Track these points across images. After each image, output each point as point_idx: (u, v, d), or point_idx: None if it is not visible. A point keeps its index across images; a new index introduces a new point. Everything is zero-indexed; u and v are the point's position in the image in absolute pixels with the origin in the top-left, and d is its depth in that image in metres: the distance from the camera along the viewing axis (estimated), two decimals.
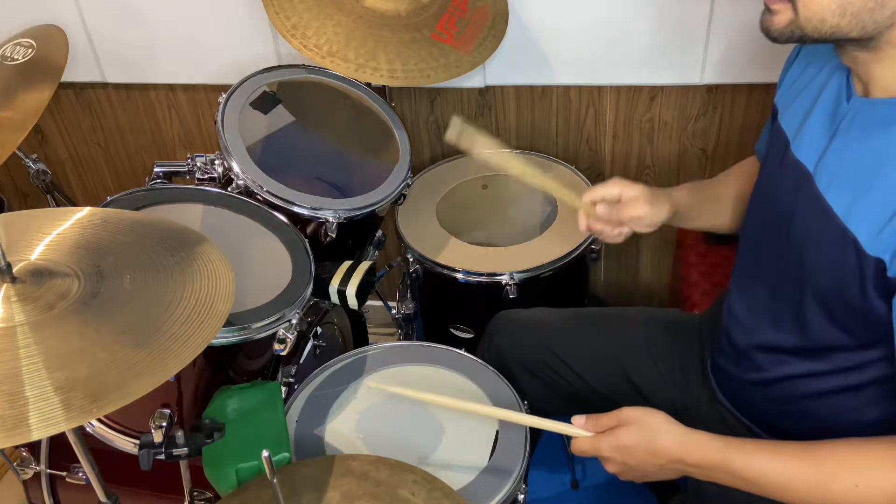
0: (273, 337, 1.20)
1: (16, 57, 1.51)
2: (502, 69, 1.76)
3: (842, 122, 0.94)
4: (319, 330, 1.44)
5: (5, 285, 0.88)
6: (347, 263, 1.38)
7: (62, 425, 0.78)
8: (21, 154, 1.60)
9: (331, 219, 1.38)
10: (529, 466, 1.19)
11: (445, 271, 1.56)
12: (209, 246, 1.04)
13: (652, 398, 1.27)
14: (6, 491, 1.85)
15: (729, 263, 1.26)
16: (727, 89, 1.74)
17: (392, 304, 1.79)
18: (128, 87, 1.94)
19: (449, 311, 1.69)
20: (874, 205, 0.87)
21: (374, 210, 1.45)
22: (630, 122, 1.82)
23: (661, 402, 1.04)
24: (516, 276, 1.52)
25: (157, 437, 1.03)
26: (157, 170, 1.45)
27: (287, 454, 1.08)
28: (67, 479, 1.33)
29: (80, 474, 1.32)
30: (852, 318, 0.93)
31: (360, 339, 1.65)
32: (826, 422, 1.01)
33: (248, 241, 1.31)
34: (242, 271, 1.24)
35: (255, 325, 1.17)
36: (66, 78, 1.51)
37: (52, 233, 1.00)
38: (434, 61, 1.49)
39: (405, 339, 1.78)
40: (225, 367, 1.25)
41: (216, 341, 1.12)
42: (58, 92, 1.50)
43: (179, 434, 1.04)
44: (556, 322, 1.39)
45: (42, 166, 1.66)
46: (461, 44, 1.53)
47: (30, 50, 1.52)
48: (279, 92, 1.53)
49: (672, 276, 2.01)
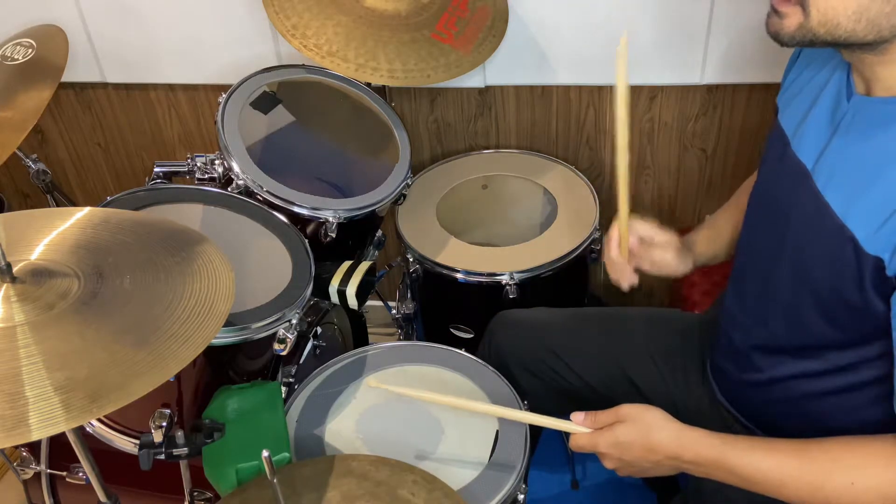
0: (273, 337, 1.20)
1: (16, 57, 1.51)
2: (502, 69, 1.75)
3: (842, 121, 0.94)
4: (319, 330, 1.44)
5: (5, 285, 0.88)
6: (347, 263, 1.38)
7: (62, 425, 0.78)
8: (21, 154, 1.60)
9: (331, 219, 1.38)
10: (529, 466, 1.19)
11: (445, 271, 1.56)
12: (209, 246, 1.04)
13: (652, 398, 1.27)
14: (6, 491, 1.85)
15: (729, 264, 1.26)
16: (727, 89, 1.74)
17: (392, 304, 1.79)
18: (128, 87, 1.94)
19: (449, 311, 1.69)
20: (873, 203, 0.87)
21: (374, 210, 1.45)
22: (630, 122, 1.82)
23: (661, 402, 1.04)
24: (516, 276, 1.52)
25: (157, 437, 1.03)
26: (157, 170, 1.45)
27: (287, 454, 1.08)
28: (67, 479, 1.33)
29: (80, 474, 1.32)
30: (850, 317, 0.93)
31: (360, 339, 1.65)
32: (825, 422, 1.01)
33: (248, 241, 1.31)
34: (242, 271, 1.24)
35: (255, 325, 1.17)
36: (66, 78, 1.51)
37: (52, 233, 1.00)
38: (434, 61, 1.49)
39: (405, 339, 1.78)
40: (225, 367, 1.25)
41: (216, 341, 1.12)
42: (58, 92, 1.50)
43: (179, 434, 1.04)
44: (556, 322, 1.39)
45: (42, 166, 1.66)
46: (461, 44, 1.53)
47: (30, 50, 1.52)
48: (279, 92, 1.53)
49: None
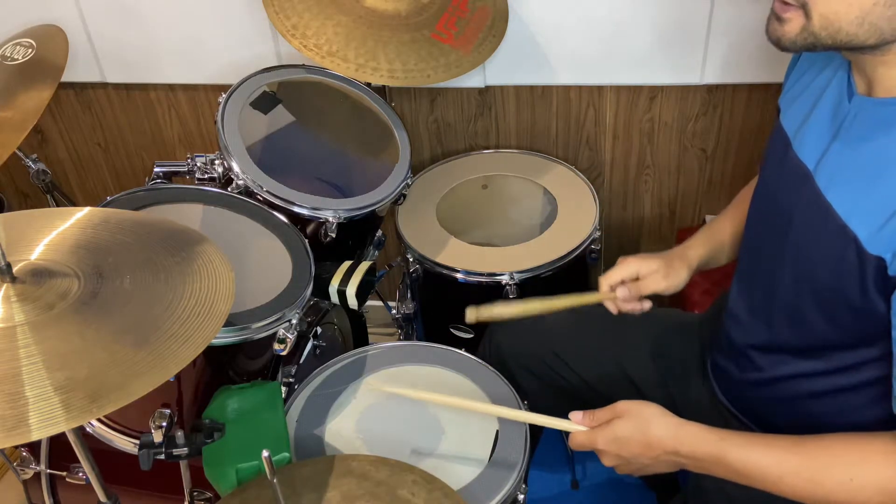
0: (273, 337, 1.20)
1: (16, 57, 1.51)
2: (502, 69, 1.75)
3: (843, 122, 0.94)
4: (319, 330, 1.44)
5: (5, 285, 0.88)
6: (347, 263, 1.38)
7: (62, 425, 0.78)
8: (21, 154, 1.60)
9: (331, 219, 1.38)
10: (529, 466, 1.19)
11: (445, 271, 1.56)
12: (209, 246, 1.04)
13: (651, 397, 1.25)
14: (6, 491, 1.85)
15: (729, 263, 1.26)
16: (727, 89, 1.74)
17: (392, 304, 1.79)
18: (128, 87, 1.94)
19: (449, 311, 1.69)
20: (875, 203, 0.87)
21: (374, 210, 1.45)
22: (630, 122, 1.82)
23: (660, 402, 1.04)
24: (516, 276, 1.52)
25: (157, 437, 1.03)
26: (157, 170, 1.45)
27: (287, 454, 1.08)
28: (67, 479, 1.33)
29: (80, 474, 1.32)
30: (851, 318, 0.93)
31: (360, 339, 1.65)
32: (826, 421, 1.01)
33: (248, 241, 1.31)
34: (242, 271, 1.24)
35: (255, 325, 1.17)
36: (66, 78, 1.51)
37: (52, 233, 1.00)
38: (434, 61, 1.49)
39: (405, 339, 1.78)
40: (225, 367, 1.25)
41: (216, 341, 1.12)
42: (58, 92, 1.50)
43: (179, 434, 1.04)
44: (555, 322, 1.38)
45: (42, 166, 1.66)
46: (461, 44, 1.53)
47: (30, 50, 1.52)
48: (279, 92, 1.53)
49: None
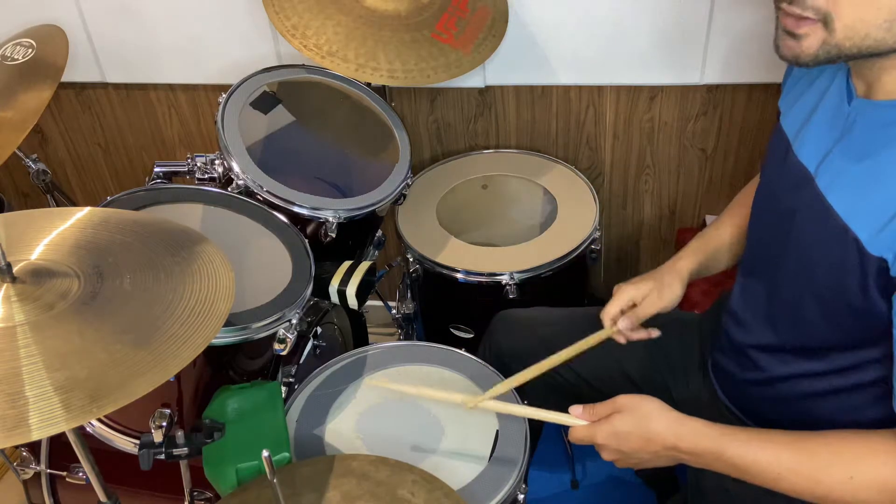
0: (273, 337, 1.20)
1: (16, 57, 1.51)
2: (502, 69, 1.76)
3: (843, 124, 0.94)
4: (319, 330, 1.44)
5: (5, 285, 0.88)
6: (347, 263, 1.38)
7: (62, 425, 0.78)
8: (21, 154, 1.60)
9: (331, 219, 1.38)
10: (529, 466, 1.19)
11: (445, 271, 1.56)
12: (209, 246, 1.04)
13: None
14: (6, 491, 1.85)
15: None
16: (727, 89, 1.74)
17: (392, 304, 1.79)
18: (128, 87, 1.94)
19: (449, 311, 1.69)
20: (876, 204, 0.87)
21: (374, 210, 1.45)
22: (630, 122, 1.82)
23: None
24: (516, 276, 1.52)
25: (157, 437, 1.03)
26: (157, 170, 1.45)
27: (287, 454, 1.08)
28: (67, 479, 1.33)
29: (80, 474, 1.32)
30: (852, 318, 0.93)
31: (360, 339, 1.65)
32: (826, 421, 1.01)
33: (249, 241, 1.31)
34: (242, 271, 1.24)
35: (255, 325, 1.17)
36: (66, 78, 1.51)
37: (52, 233, 1.00)
38: (434, 61, 1.49)
39: (405, 339, 1.78)
40: (225, 367, 1.25)
41: (216, 341, 1.12)
42: (58, 92, 1.50)
43: (179, 434, 1.04)
44: (556, 322, 1.39)
45: (42, 166, 1.66)
46: (461, 44, 1.53)
47: (30, 50, 1.52)
48: (279, 92, 1.53)
49: None
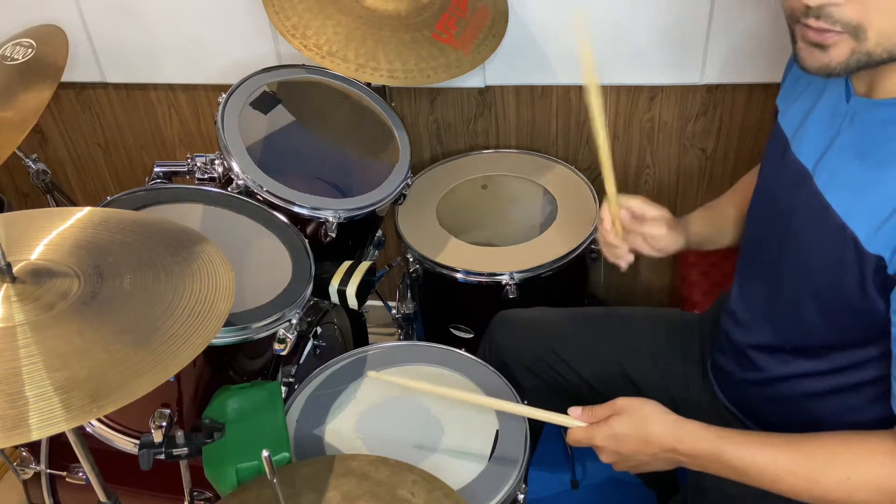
0: (273, 337, 1.20)
1: (16, 57, 1.51)
2: (502, 69, 1.75)
3: (842, 123, 0.94)
4: (319, 330, 1.44)
5: (5, 285, 0.88)
6: (347, 263, 1.38)
7: (62, 425, 0.78)
8: (21, 154, 1.60)
9: (331, 219, 1.38)
10: (529, 466, 1.19)
11: (445, 271, 1.56)
12: (209, 246, 1.04)
13: (651, 397, 1.26)
14: (6, 491, 1.85)
15: (729, 263, 1.26)
16: (727, 89, 1.74)
17: (392, 304, 1.79)
18: (128, 87, 1.94)
19: (449, 311, 1.69)
20: (874, 203, 0.87)
21: (374, 210, 1.45)
22: (630, 122, 1.82)
23: (660, 401, 1.04)
24: (516, 276, 1.52)
25: (157, 437, 1.03)
26: (157, 170, 1.45)
27: (287, 454, 1.08)
28: (67, 479, 1.33)
29: (80, 474, 1.32)
30: (851, 317, 0.93)
31: (360, 339, 1.65)
32: (826, 421, 1.01)
33: (249, 241, 1.31)
34: (242, 271, 1.24)
35: (255, 325, 1.17)
36: (66, 78, 1.51)
37: (52, 233, 1.00)
38: (434, 61, 1.49)
39: (405, 339, 1.78)
40: (225, 367, 1.25)
41: (216, 341, 1.12)
42: (58, 92, 1.50)
43: (179, 434, 1.04)
44: (555, 322, 1.39)
45: (42, 166, 1.66)
46: (461, 44, 1.53)
47: (30, 50, 1.52)
48: (279, 92, 1.53)
49: (672, 276, 2.01)
